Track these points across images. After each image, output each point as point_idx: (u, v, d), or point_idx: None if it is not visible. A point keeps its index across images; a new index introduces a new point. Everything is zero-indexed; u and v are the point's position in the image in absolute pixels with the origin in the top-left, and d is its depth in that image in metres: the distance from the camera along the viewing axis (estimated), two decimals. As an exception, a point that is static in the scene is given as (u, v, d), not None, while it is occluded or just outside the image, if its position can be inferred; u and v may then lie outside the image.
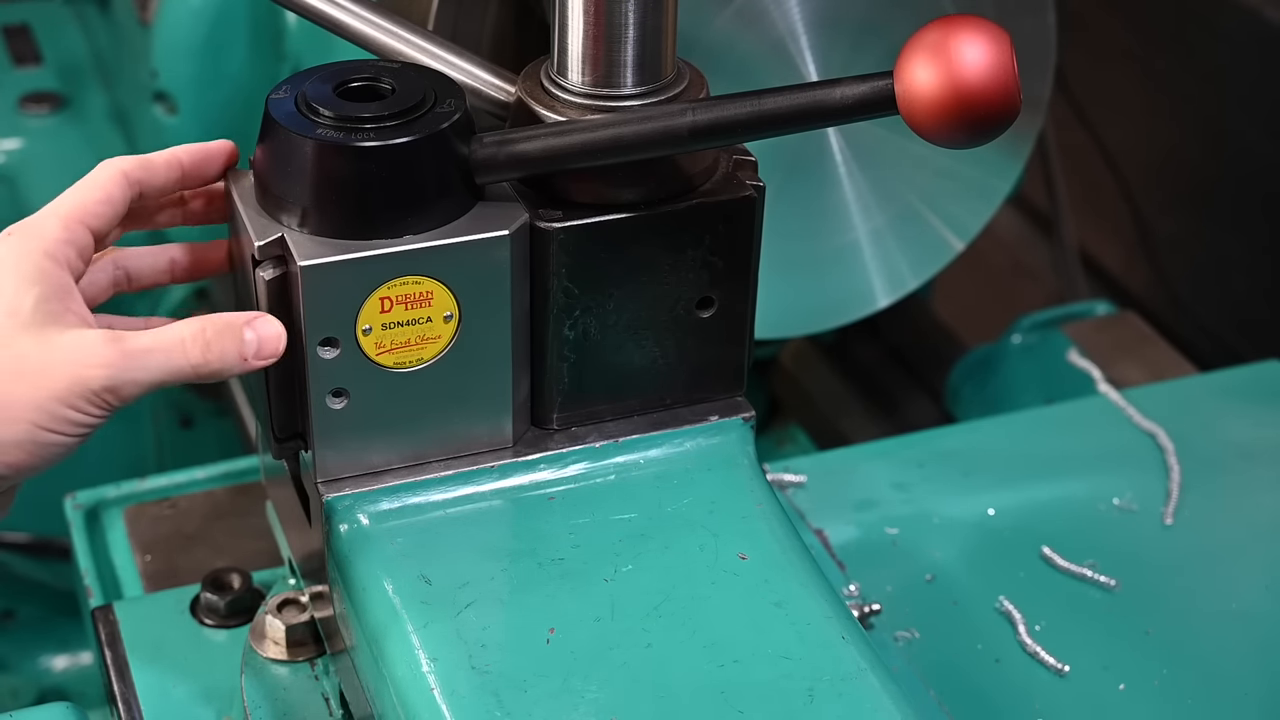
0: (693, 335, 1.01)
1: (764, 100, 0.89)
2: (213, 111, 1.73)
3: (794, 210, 1.31)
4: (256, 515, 1.27)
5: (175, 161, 0.98)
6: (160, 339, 0.90)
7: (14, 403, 0.87)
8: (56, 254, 0.91)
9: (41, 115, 1.94)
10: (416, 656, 0.89)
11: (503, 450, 0.99)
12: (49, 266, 0.90)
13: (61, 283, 0.91)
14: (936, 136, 0.84)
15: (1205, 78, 1.96)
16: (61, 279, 0.91)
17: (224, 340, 0.90)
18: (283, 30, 1.70)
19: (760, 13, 1.23)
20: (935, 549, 1.26)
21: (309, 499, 0.99)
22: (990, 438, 1.38)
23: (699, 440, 1.02)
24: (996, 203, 1.42)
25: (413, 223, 0.92)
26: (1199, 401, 1.42)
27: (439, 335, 0.94)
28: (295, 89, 0.93)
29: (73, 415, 0.88)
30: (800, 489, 1.30)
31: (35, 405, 0.87)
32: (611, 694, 0.88)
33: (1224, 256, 2.00)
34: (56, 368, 0.88)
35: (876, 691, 0.89)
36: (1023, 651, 1.18)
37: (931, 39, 0.83)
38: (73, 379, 0.87)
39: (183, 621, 1.18)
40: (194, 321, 0.91)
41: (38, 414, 0.88)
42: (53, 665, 1.88)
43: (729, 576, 0.94)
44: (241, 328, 0.91)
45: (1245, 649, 1.19)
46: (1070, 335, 1.59)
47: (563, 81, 0.95)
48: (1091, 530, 1.27)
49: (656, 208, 0.95)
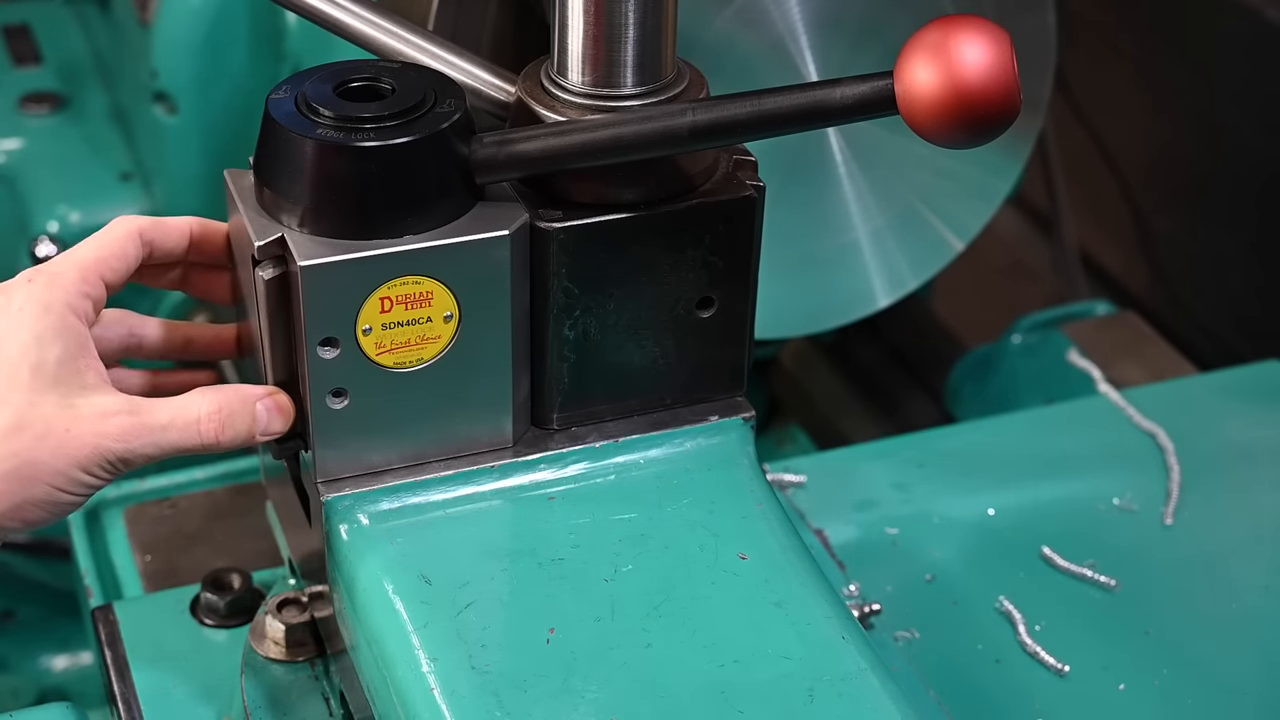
0: (693, 335, 1.01)
1: (764, 100, 0.89)
2: (213, 111, 1.73)
3: (794, 210, 1.31)
4: (256, 515, 1.27)
5: (185, 228, 1.01)
6: (177, 415, 0.93)
7: (37, 465, 0.90)
8: (76, 306, 0.93)
9: (41, 115, 1.94)
10: (416, 656, 0.89)
11: (503, 450, 0.99)
12: (71, 321, 0.93)
13: (82, 338, 0.93)
14: (936, 136, 0.84)
15: (1205, 78, 1.96)
16: (82, 334, 0.93)
17: (237, 419, 0.94)
18: (283, 30, 1.70)
19: (760, 13, 1.23)
20: (935, 549, 1.26)
21: (309, 499, 0.99)
22: (990, 438, 1.38)
23: (699, 440, 1.02)
24: (996, 203, 1.42)
25: (413, 223, 0.92)
26: (1199, 401, 1.42)
27: (439, 335, 0.94)
28: (295, 89, 0.93)
29: (88, 480, 0.92)
30: (800, 489, 1.30)
31: (56, 471, 0.90)
32: (611, 694, 0.88)
33: (1224, 256, 2.00)
34: (80, 436, 0.90)
35: (876, 691, 0.89)
36: (1023, 651, 1.18)
37: (931, 39, 0.83)
38: (94, 448, 0.91)
39: (183, 621, 1.18)
40: (210, 397, 0.94)
41: (58, 478, 0.91)
42: (53, 665, 1.88)
43: (729, 576, 0.94)
44: (254, 404, 0.94)
45: (1245, 649, 1.19)
46: (1070, 335, 1.59)
47: (563, 81, 0.95)
48: (1091, 530, 1.27)
49: (656, 208, 0.95)
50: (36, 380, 0.90)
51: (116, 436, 0.91)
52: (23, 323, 0.91)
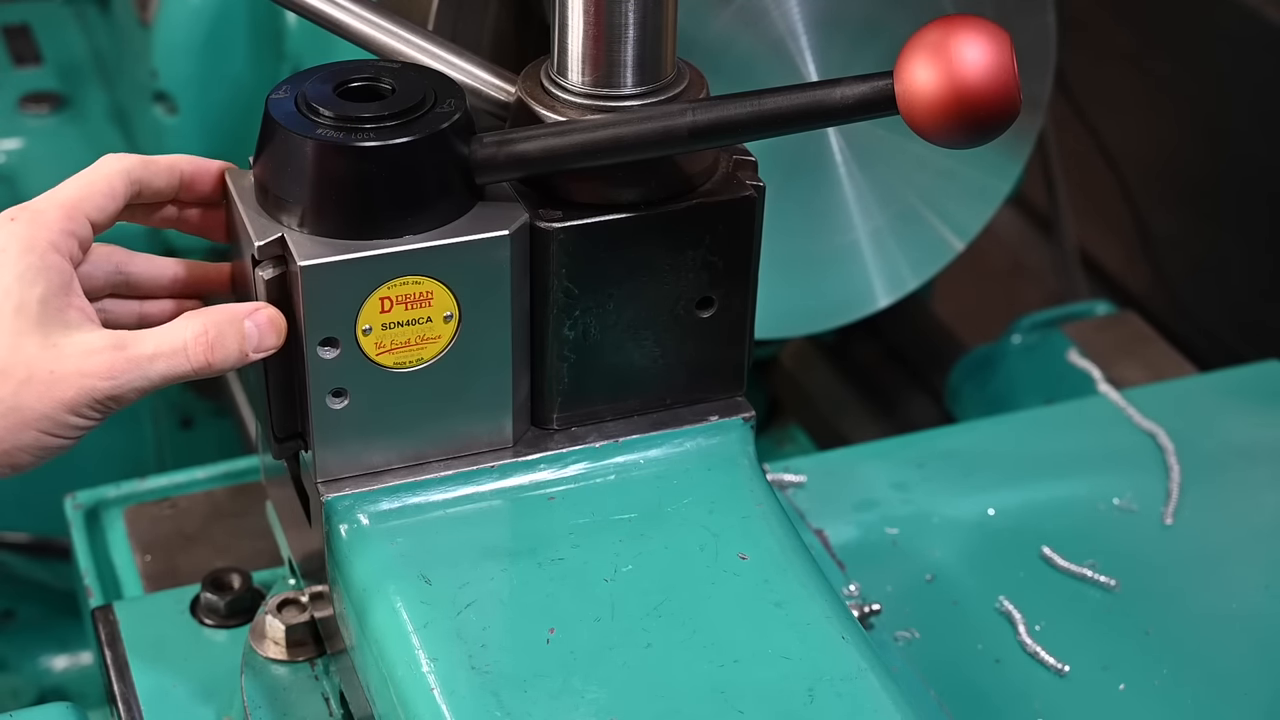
0: (693, 335, 1.01)
1: (764, 100, 0.89)
2: (213, 111, 1.73)
3: (794, 210, 1.31)
4: (256, 515, 1.27)
5: (175, 167, 0.98)
6: (164, 342, 0.90)
7: (23, 410, 0.88)
8: (60, 244, 0.92)
9: (41, 115, 1.94)
10: (416, 656, 0.89)
11: (503, 450, 0.99)
12: (53, 259, 0.91)
13: (65, 276, 0.91)
14: (936, 136, 0.84)
15: (1205, 78, 1.96)
16: (65, 272, 0.91)
17: (226, 339, 0.91)
18: (283, 30, 1.70)
19: (760, 13, 1.23)
20: (935, 549, 1.26)
21: (309, 499, 0.99)
22: (990, 438, 1.38)
23: (699, 440, 1.02)
24: (996, 203, 1.42)
25: (413, 223, 0.92)
26: (1199, 401, 1.42)
27: (439, 335, 0.94)
28: (295, 89, 0.93)
29: (77, 421, 0.89)
30: (800, 489, 1.30)
31: (43, 414, 0.88)
32: (611, 694, 0.88)
33: (1224, 256, 2.00)
34: (65, 377, 0.88)
35: (876, 691, 0.89)
36: (1023, 651, 1.18)
37: (931, 39, 0.83)
38: (80, 388, 0.88)
39: (183, 621, 1.18)
40: (195, 320, 0.91)
41: (46, 422, 0.89)
42: (53, 665, 1.88)
43: (729, 576, 0.94)
44: (242, 321, 0.91)
45: (1245, 649, 1.19)
46: (1070, 335, 1.59)
47: (563, 81, 0.95)
48: (1091, 530, 1.27)
49: (656, 208, 0.95)
50: (19, 321, 0.88)
51: (103, 374, 0.89)
52: (4, 263, 0.89)
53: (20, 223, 0.92)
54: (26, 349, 0.88)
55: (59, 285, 0.90)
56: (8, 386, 0.88)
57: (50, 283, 0.90)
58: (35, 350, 0.88)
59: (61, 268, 0.91)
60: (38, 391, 0.88)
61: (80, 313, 0.91)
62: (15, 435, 0.89)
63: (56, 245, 0.91)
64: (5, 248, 0.90)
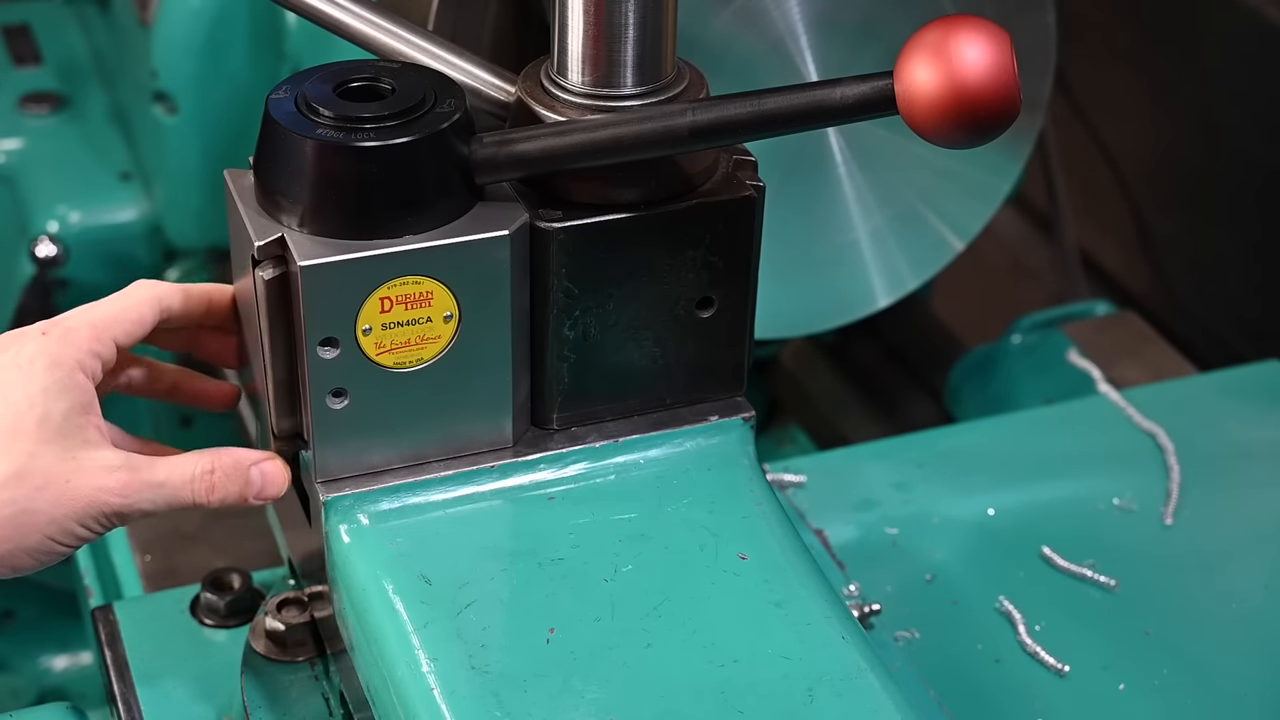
0: (692, 335, 1.01)
1: (764, 100, 0.89)
2: (213, 111, 1.73)
3: (794, 210, 1.31)
4: (256, 515, 1.27)
5: (205, 296, 1.02)
6: (173, 474, 0.95)
7: (35, 514, 0.92)
8: (85, 364, 0.95)
9: (41, 115, 1.95)
10: (416, 656, 0.89)
11: (503, 450, 0.99)
12: (79, 378, 0.94)
13: (87, 395, 0.95)
14: (936, 136, 0.84)
15: (1205, 78, 1.96)
16: (87, 391, 0.95)
17: (229, 483, 0.97)
18: (283, 30, 1.70)
19: (760, 13, 1.23)
20: (935, 549, 1.26)
21: (309, 499, 0.99)
22: (990, 438, 1.38)
23: (699, 440, 1.02)
24: (996, 203, 1.42)
25: (413, 223, 0.92)
26: (1199, 401, 1.42)
27: (439, 335, 0.94)
28: (295, 89, 0.93)
29: (82, 532, 0.94)
30: (800, 489, 1.30)
31: (53, 520, 0.92)
32: (611, 694, 0.88)
33: (1224, 256, 2.00)
34: (79, 489, 0.92)
35: (876, 691, 0.89)
36: (1023, 651, 1.18)
37: (931, 39, 0.83)
38: (91, 501, 0.93)
39: (183, 621, 1.18)
40: (205, 458, 0.96)
41: (53, 528, 0.92)
42: (53, 665, 1.89)
43: (729, 576, 0.94)
44: (249, 469, 0.97)
45: (1245, 649, 1.19)
46: (1070, 335, 1.59)
47: (563, 81, 0.95)
48: (1091, 530, 1.27)
49: (656, 208, 0.95)
50: (41, 432, 0.92)
51: (116, 491, 0.93)
52: (33, 375, 0.93)
53: (51, 338, 0.95)
54: (46, 458, 0.92)
55: (81, 403, 0.94)
56: (23, 490, 0.91)
57: (73, 400, 0.93)
58: (54, 460, 0.92)
59: (85, 387, 0.94)
60: (51, 498, 0.92)
61: (98, 431, 0.95)
62: (22, 537, 0.92)
63: (83, 365, 0.95)
64: (35, 359, 0.93)
